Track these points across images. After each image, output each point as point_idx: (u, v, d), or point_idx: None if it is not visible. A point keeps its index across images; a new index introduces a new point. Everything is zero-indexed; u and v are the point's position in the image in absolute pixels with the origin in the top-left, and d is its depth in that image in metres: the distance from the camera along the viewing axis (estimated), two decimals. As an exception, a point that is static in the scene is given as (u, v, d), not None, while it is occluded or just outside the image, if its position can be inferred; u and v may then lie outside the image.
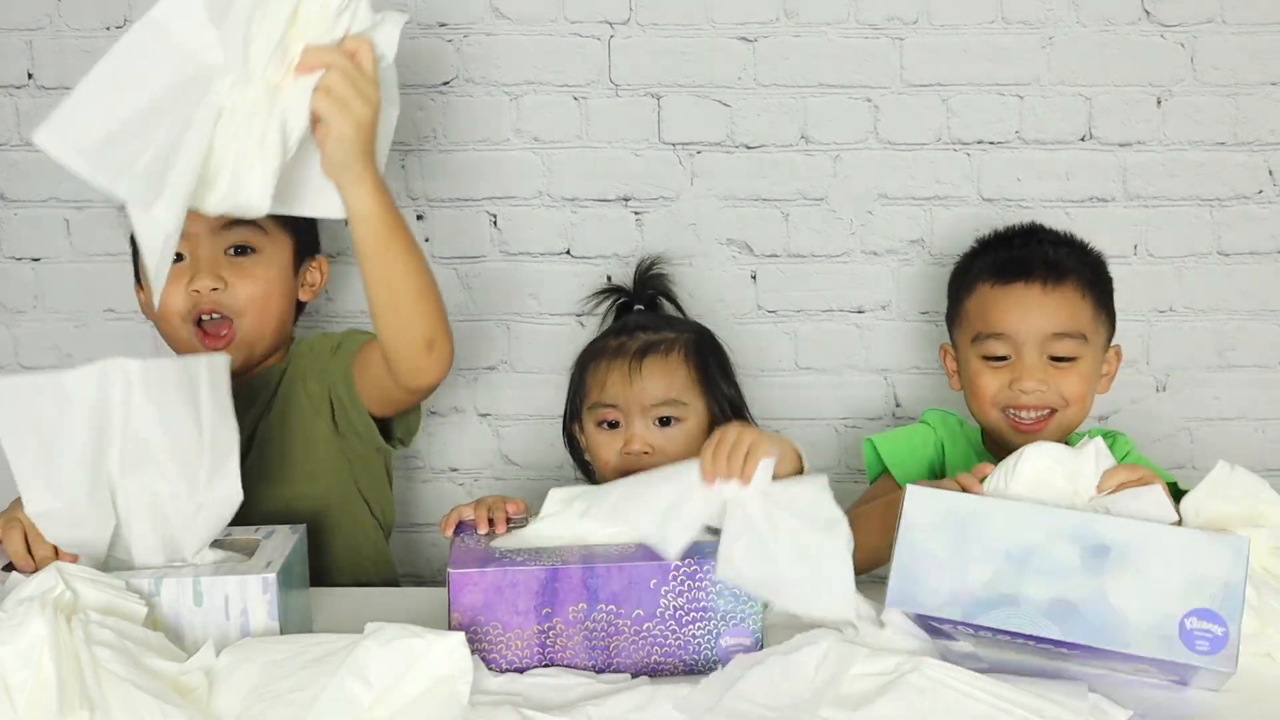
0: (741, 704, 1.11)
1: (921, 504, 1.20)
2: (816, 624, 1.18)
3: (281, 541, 1.28)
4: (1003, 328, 1.58)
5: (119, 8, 1.93)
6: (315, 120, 1.21)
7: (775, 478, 1.22)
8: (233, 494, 1.24)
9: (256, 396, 1.60)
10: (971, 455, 1.67)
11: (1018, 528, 1.17)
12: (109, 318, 2.00)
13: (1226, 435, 2.02)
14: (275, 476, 1.56)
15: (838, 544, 1.17)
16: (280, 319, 1.63)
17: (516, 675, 1.17)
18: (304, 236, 1.66)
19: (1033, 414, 1.57)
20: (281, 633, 1.18)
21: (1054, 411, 1.57)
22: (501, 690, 1.14)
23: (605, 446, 1.57)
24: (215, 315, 1.56)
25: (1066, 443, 1.31)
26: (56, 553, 1.23)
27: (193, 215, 1.45)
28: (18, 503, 1.26)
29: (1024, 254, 1.63)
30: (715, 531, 1.21)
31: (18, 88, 1.95)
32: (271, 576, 1.18)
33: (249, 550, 1.26)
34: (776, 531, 1.17)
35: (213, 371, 1.24)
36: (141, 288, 1.66)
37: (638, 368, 1.57)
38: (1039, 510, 1.18)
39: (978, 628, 1.16)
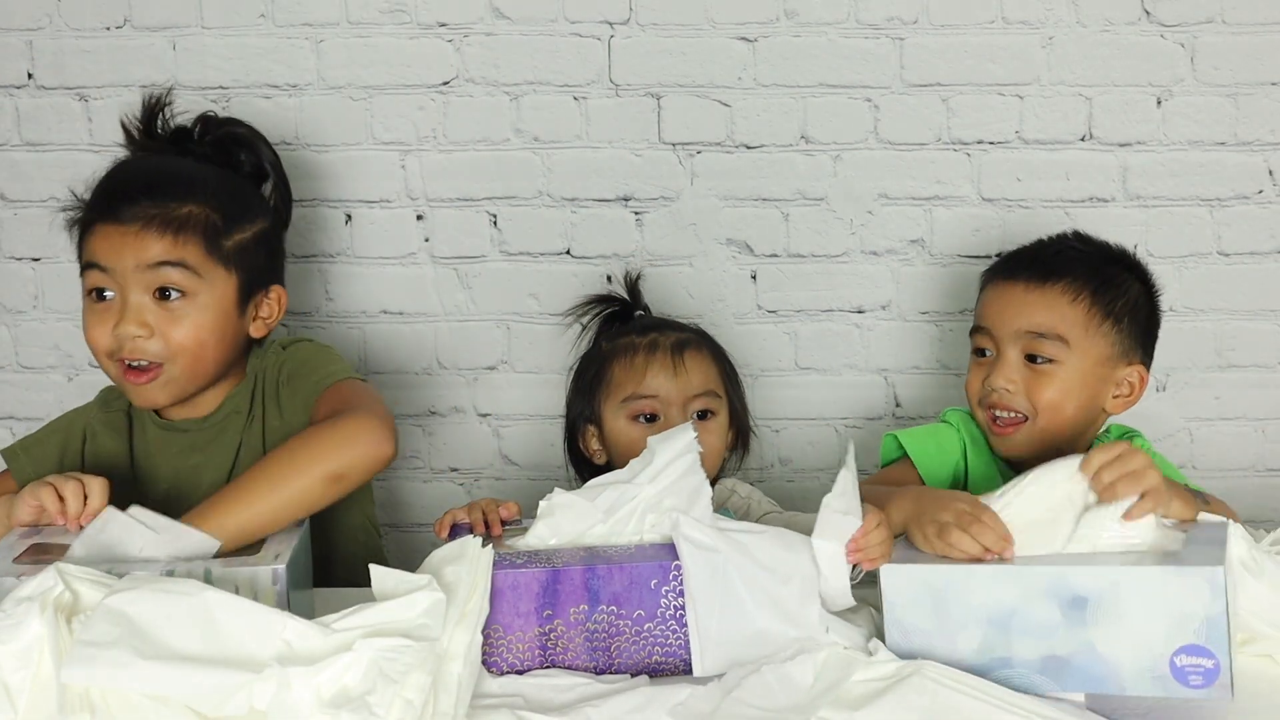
0: (740, 708, 1.11)
1: (897, 582, 1.20)
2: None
3: (287, 534, 1.31)
4: (984, 321, 1.60)
5: (119, 8, 1.93)
6: None
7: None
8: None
9: (227, 426, 1.58)
10: (991, 462, 1.63)
11: (993, 593, 1.16)
12: (109, 318, 2.00)
13: (1226, 435, 2.02)
14: None
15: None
16: (218, 362, 1.54)
17: (516, 677, 1.17)
18: (251, 272, 1.55)
19: (1005, 414, 1.55)
20: None
21: (1025, 420, 1.55)
22: (501, 692, 1.14)
23: (642, 439, 1.57)
24: (139, 362, 1.48)
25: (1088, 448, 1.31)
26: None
27: (118, 247, 1.47)
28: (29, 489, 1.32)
29: (1032, 252, 1.63)
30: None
31: (18, 88, 1.95)
32: (281, 568, 1.20)
33: (253, 545, 1.28)
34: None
35: None
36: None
37: (680, 361, 1.60)
38: (1010, 571, 1.17)
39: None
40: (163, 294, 1.48)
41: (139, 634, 1.04)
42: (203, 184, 1.53)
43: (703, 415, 1.60)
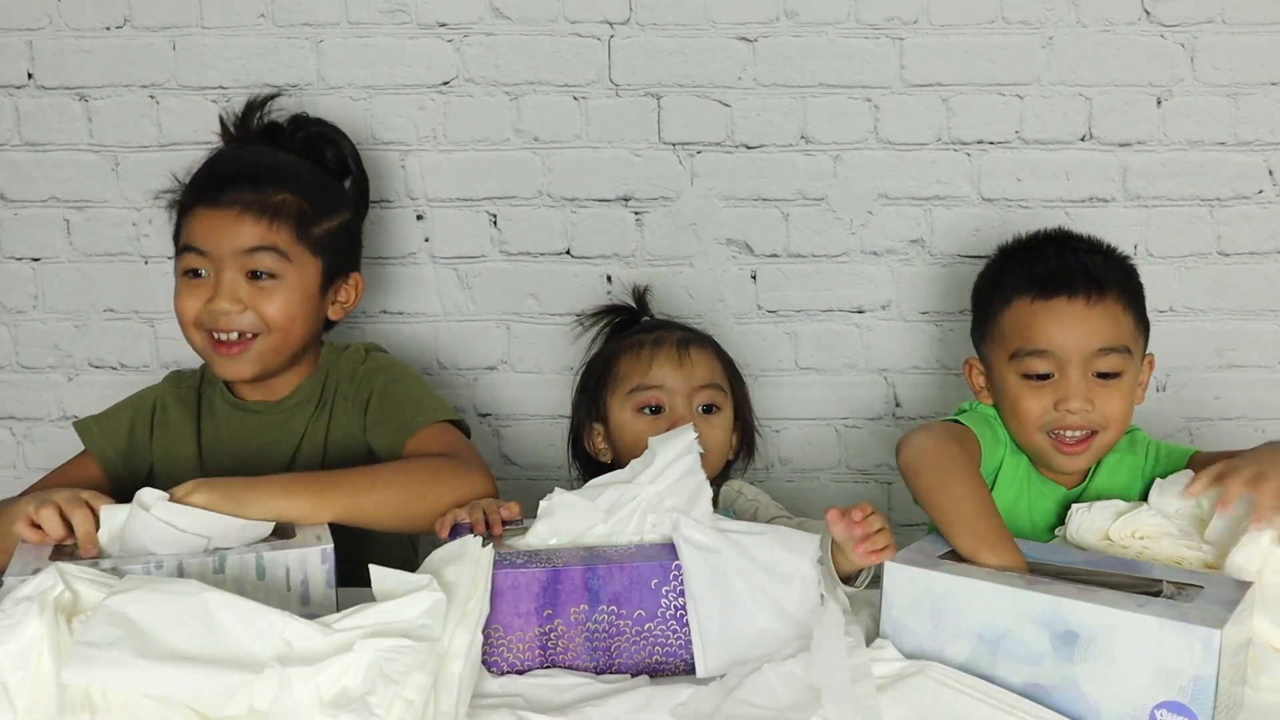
0: (741, 708, 1.11)
1: (899, 581, 1.21)
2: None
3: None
4: (1046, 344, 1.52)
5: (119, 8, 1.93)
6: None
7: None
8: None
9: (297, 413, 1.64)
10: (1019, 466, 1.60)
11: (988, 610, 1.16)
12: (109, 318, 2.00)
13: (1226, 435, 2.02)
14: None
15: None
16: (303, 340, 1.63)
17: (516, 676, 1.17)
18: (335, 258, 1.65)
19: (1076, 434, 1.52)
20: (337, 603, 1.23)
21: (1094, 433, 1.53)
22: (502, 692, 1.14)
23: (648, 431, 1.57)
24: (229, 335, 1.58)
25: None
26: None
27: (217, 231, 1.55)
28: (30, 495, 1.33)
29: (1062, 265, 1.56)
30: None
31: (18, 88, 1.95)
32: (329, 548, 1.24)
33: (287, 529, 1.30)
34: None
35: None
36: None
37: (685, 353, 1.62)
38: (1008, 593, 1.16)
39: None
40: (254, 275, 1.57)
41: (139, 634, 1.03)
42: (295, 175, 1.63)
43: (707, 410, 1.61)
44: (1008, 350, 1.55)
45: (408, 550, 1.70)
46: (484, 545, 1.18)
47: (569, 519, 1.25)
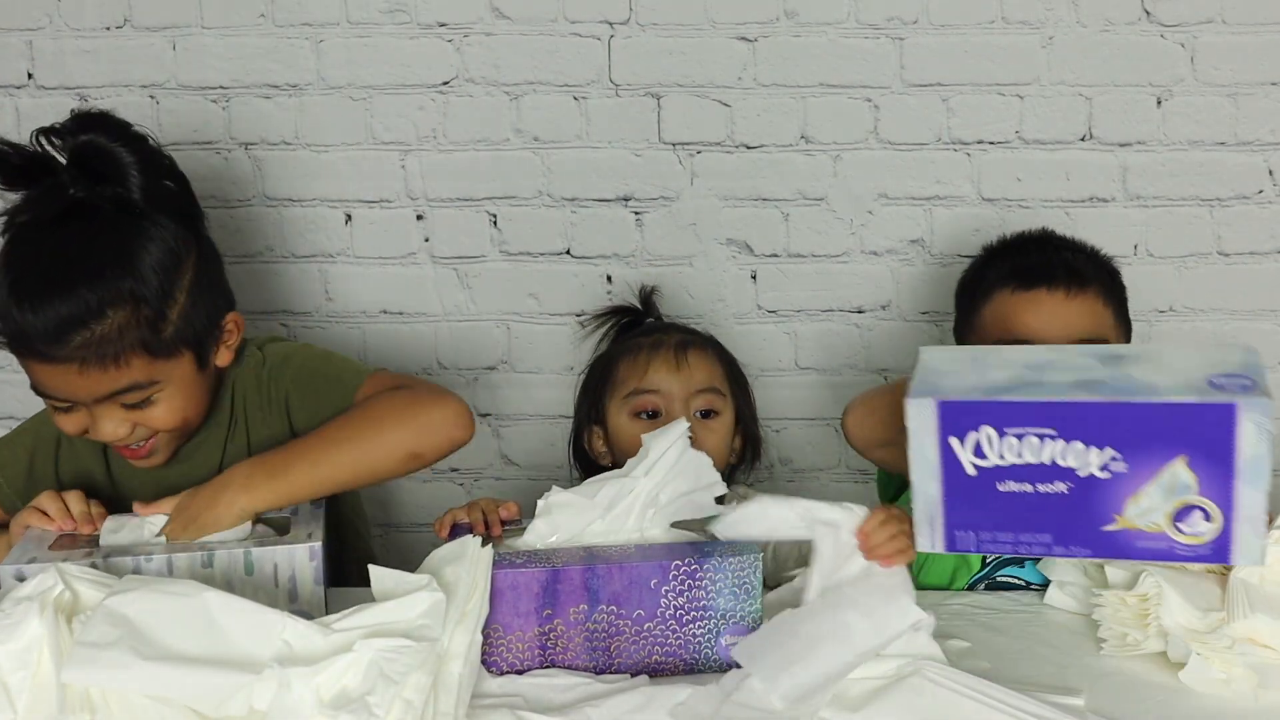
0: (740, 711, 1.11)
1: (935, 353, 1.19)
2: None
3: (312, 514, 1.34)
4: (1026, 334, 1.53)
5: (119, 8, 1.93)
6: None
7: None
8: None
9: (208, 439, 1.52)
10: None
11: (1032, 352, 1.18)
12: (109, 318, 2.00)
13: (1226, 435, 2.02)
14: None
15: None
16: (201, 412, 1.48)
17: (515, 676, 1.17)
18: (202, 334, 1.42)
19: None
20: (325, 600, 1.25)
21: None
22: (501, 692, 1.14)
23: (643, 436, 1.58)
24: (130, 444, 1.43)
25: None
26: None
27: (64, 385, 1.36)
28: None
29: (1044, 260, 1.59)
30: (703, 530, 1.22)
31: (18, 88, 1.95)
32: (318, 545, 1.24)
33: (282, 526, 1.31)
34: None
35: None
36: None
37: (684, 356, 1.60)
38: (1049, 347, 1.20)
39: (998, 409, 1.08)
40: (127, 406, 1.39)
41: (139, 635, 1.04)
42: (115, 278, 1.34)
43: (705, 414, 1.60)
44: (989, 341, 1.56)
45: (367, 553, 1.70)
46: (483, 545, 1.19)
47: (567, 516, 1.25)
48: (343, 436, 1.38)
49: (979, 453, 1.10)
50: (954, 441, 1.10)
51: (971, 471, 1.11)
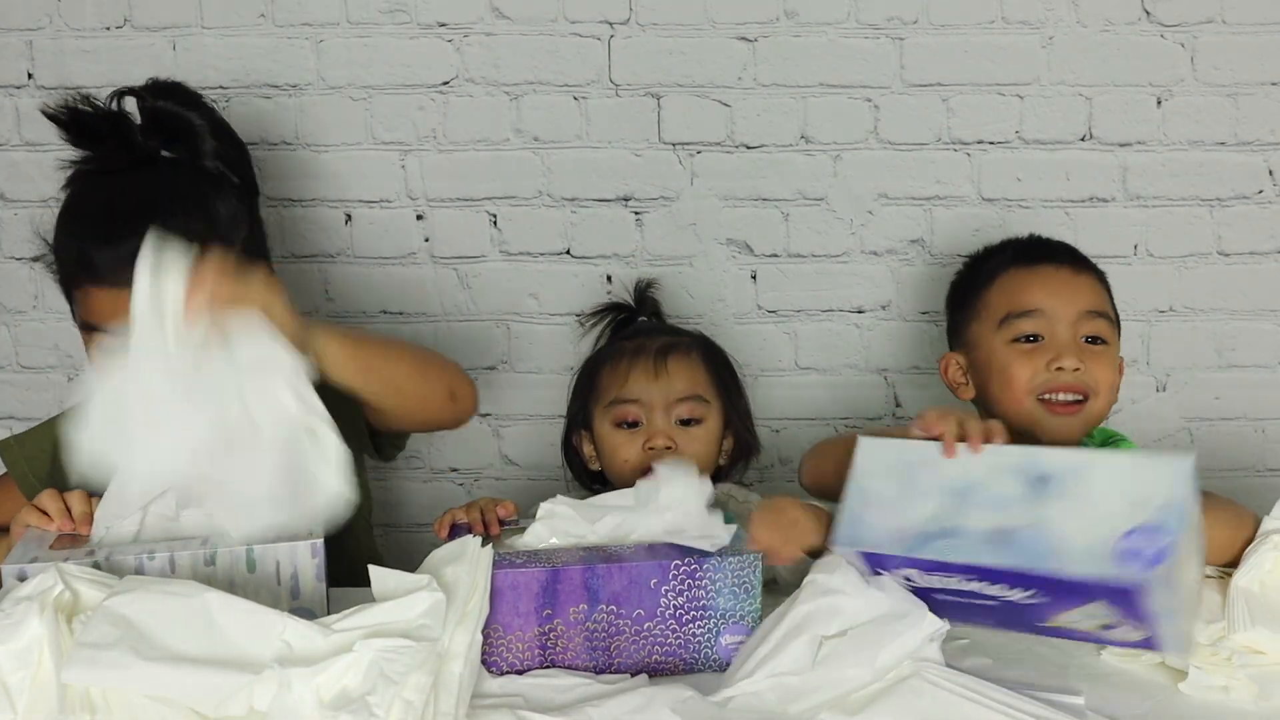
0: (739, 713, 1.11)
1: (872, 454, 1.21)
2: None
3: None
4: (1035, 304, 1.55)
5: (119, 8, 1.93)
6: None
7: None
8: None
9: None
10: None
11: (964, 467, 1.17)
12: (109, 318, 2.00)
13: (1226, 435, 2.02)
14: None
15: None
16: None
17: (515, 677, 1.17)
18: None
19: (1067, 396, 1.52)
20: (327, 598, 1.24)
21: (1085, 399, 1.53)
22: (501, 692, 1.14)
23: (625, 446, 1.57)
24: None
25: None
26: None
27: (118, 310, 1.28)
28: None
29: (1044, 242, 1.67)
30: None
31: (18, 88, 1.95)
32: (319, 542, 1.23)
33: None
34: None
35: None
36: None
37: (663, 364, 1.59)
38: (987, 449, 1.18)
39: (917, 563, 1.15)
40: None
41: (139, 635, 1.04)
42: (188, 216, 1.41)
43: (686, 423, 1.59)
44: (996, 319, 1.58)
45: (374, 553, 1.69)
46: (483, 545, 1.19)
47: (566, 526, 1.25)
48: (408, 349, 1.47)
49: (909, 579, 1.17)
50: (882, 572, 1.18)
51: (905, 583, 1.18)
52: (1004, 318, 1.57)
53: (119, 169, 1.46)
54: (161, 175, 1.47)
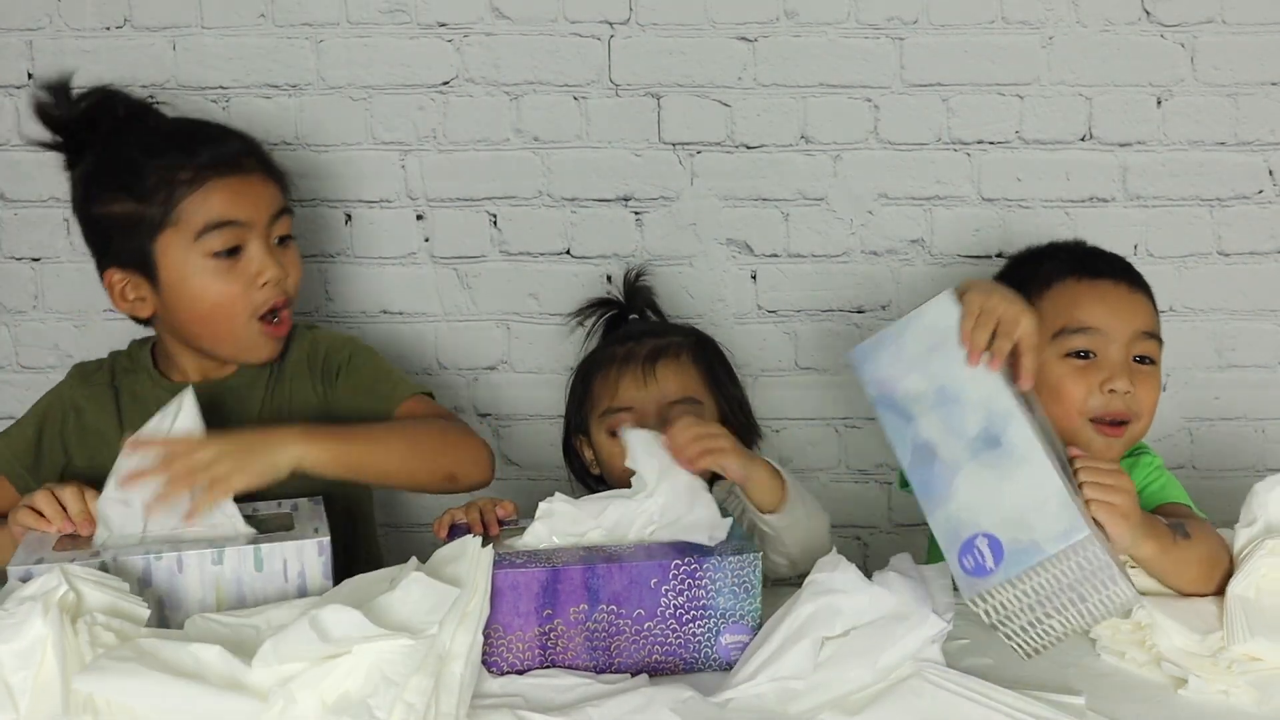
0: (740, 713, 1.11)
1: (941, 309, 1.26)
2: None
3: (311, 511, 1.35)
4: (1093, 321, 1.51)
5: (119, 8, 1.93)
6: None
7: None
8: None
9: (247, 396, 1.58)
10: None
11: (967, 377, 1.20)
12: (109, 317, 1.99)
13: (1226, 435, 2.02)
14: None
15: None
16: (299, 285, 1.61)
17: (516, 676, 1.17)
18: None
19: (1116, 418, 1.50)
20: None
21: (1128, 421, 1.50)
22: (502, 692, 1.14)
23: (621, 454, 1.56)
24: (275, 316, 1.53)
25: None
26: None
27: (249, 198, 1.49)
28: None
29: (1103, 254, 1.62)
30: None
31: (18, 88, 1.95)
32: (326, 540, 1.25)
33: (283, 523, 1.30)
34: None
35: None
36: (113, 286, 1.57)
37: (651, 370, 1.58)
38: (994, 381, 1.20)
39: (877, 403, 1.24)
40: (280, 241, 1.53)
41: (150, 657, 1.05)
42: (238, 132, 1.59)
43: None
44: (1049, 330, 1.51)
45: (377, 553, 1.70)
46: (483, 545, 1.19)
47: (566, 524, 1.25)
48: (400, 433, 1.46)
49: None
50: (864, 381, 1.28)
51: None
52: (1059, 331, 1.51)
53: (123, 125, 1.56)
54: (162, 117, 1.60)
